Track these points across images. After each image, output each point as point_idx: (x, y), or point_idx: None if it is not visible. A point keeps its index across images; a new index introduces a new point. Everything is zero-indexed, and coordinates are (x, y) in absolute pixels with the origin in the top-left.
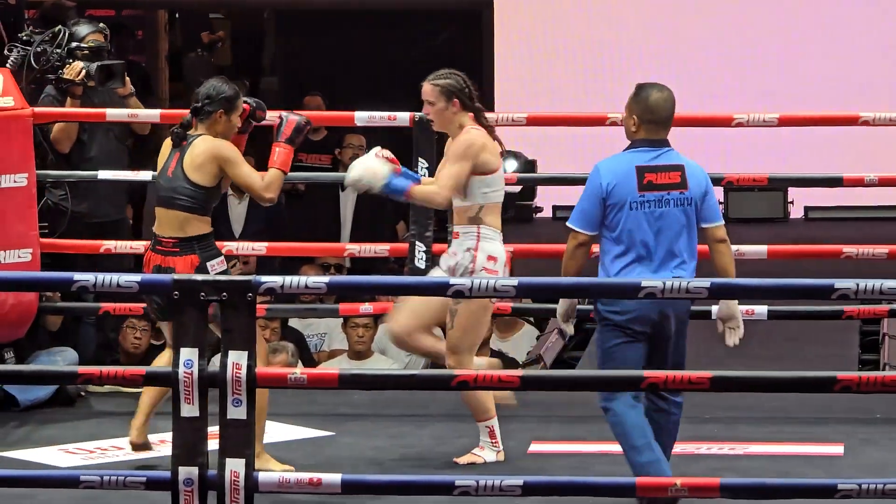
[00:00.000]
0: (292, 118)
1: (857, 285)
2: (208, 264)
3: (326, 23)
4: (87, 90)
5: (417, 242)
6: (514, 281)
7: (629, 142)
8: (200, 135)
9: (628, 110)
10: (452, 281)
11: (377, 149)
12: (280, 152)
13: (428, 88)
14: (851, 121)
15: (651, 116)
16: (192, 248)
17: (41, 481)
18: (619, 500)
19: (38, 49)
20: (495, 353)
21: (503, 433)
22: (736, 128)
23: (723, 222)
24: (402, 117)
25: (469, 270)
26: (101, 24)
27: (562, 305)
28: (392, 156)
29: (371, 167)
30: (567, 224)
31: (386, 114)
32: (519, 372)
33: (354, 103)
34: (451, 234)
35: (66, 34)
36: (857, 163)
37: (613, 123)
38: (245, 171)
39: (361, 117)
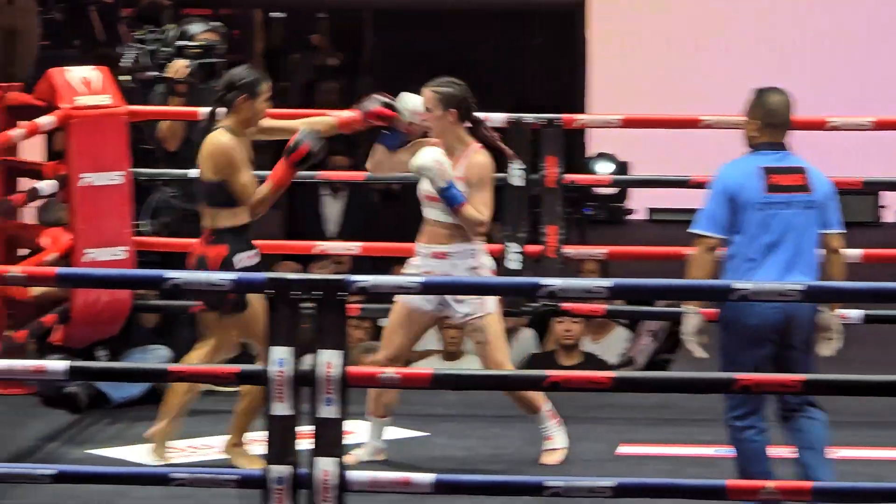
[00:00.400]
0: (305, 145)
1: None
2: (235, 258)
3: (422, 23)
4: (199, 89)
5: (510, 243)
6: (608, 282)
7: (749, 148)
8: (219, 127)
9: (748, 116)
10: (543, 282)
11: (437, 149)
12: (282, 169)
13: (428, 94)
14: None
15: (771, 120)
16: (223, 239)
17: (133, 478)
18: (710, 502)
19: (152, 48)
20: (588, 356)
21: (593, 436)
22: (830, 131)
23: (842, 231)
24: (497, 118)
25: None
26: (216, 23)
27: (693, 321)
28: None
29: (442, 164)
30: (692, 229)
31: (480, 115)
32: (611, 373)
33: None
34: (425, 254)
35: (176, 32)
36: None
37: (707, 126)
38: (236, 178)
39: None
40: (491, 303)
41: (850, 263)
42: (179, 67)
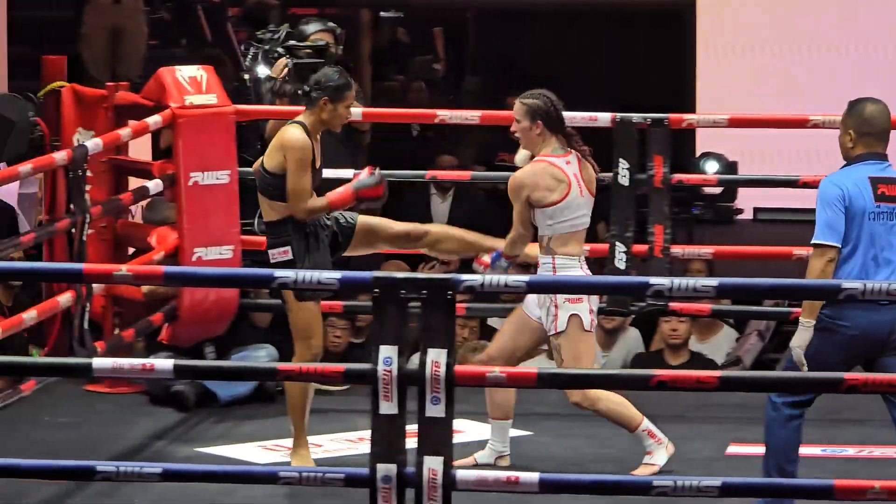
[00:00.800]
0: (370, 188)
1: None
2: (270, 252)
3: (527, 22)
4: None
5: (618, 243)
6: (715, 281)
7: (844, 160)
8: (295, 121)
9: (843, 126)
10: (652, 281)
11: None
12: (343, 193)
13: (516, 106)
14: None
15: (868, 129)
16: (266, 232)
17: (241, 477)
18: (818, 502)
19: (267, 47)
20: (695, 355)
21: (702, 435)
22: None
23: None
24: (604, 118)
25: (552, 303)
26: (332, 25)
27: (803, 336)
28: None
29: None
30: (814, 241)
31: (587, 114)
32: (717, 373)
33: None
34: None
35: (287, 32)
36: None
37: (815, 126)
38: (297, 178)
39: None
40: (563, 321)
41: None
42: (280, 67)
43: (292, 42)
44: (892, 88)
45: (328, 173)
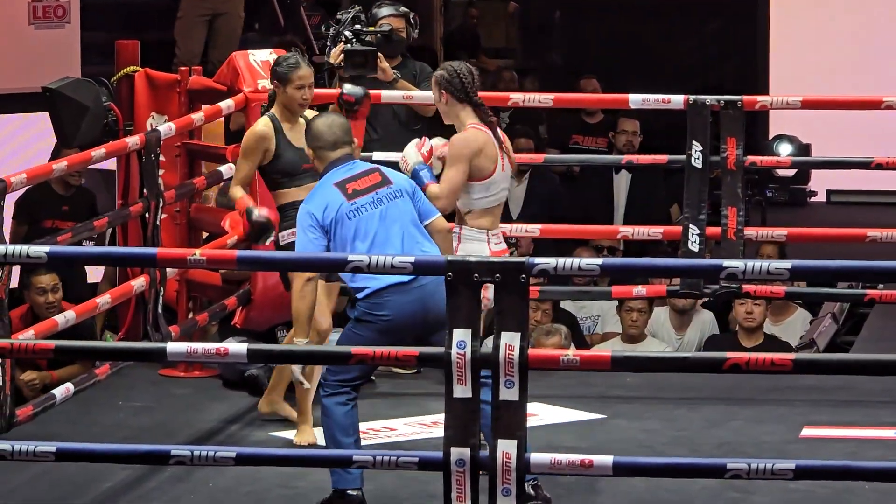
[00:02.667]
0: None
1: None
2: (281, 234)
3: (605, 8)
4: (364, 77)
5: (691, 225)
6: (788, 264)
7: None
8: (266, 112)
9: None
10: (725, 263)
11: (418, 140)
12: (239, 216)
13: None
14: None
15: (319, 143)
16: (279, 215)
17: (314, 461)
18: (893, 485)
19: (341, 28)
20: (768, 337)
21: (776, 418)
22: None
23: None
24: (677, 100)
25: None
26: (404, 9)
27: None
28: (431, 149)
29: (406, 153)
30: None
31: (660, 97)
32: (791, 355)
33: (629, 87)
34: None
35: (354, 15)
36: None
37: (889, 107)
38: (238, 164)
39: (636, 100)
40: None
41: None
42: (337, 53)
43: (357, 26)
44: None
45: (381, 156)
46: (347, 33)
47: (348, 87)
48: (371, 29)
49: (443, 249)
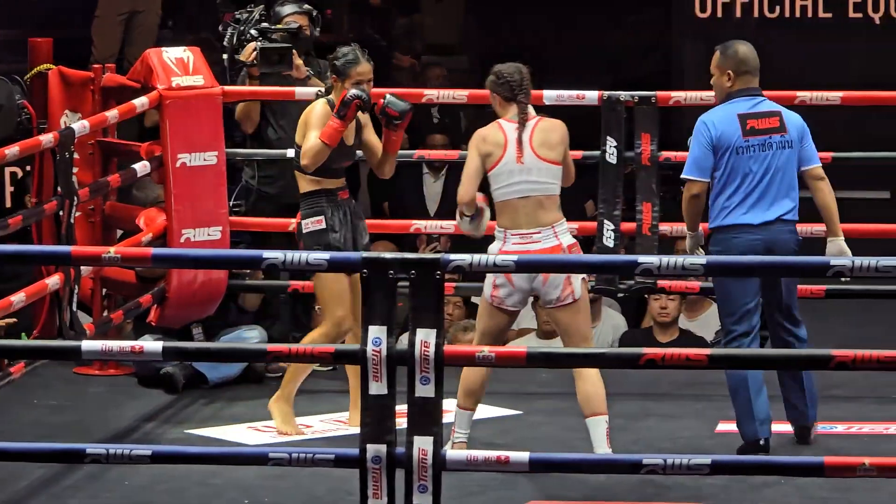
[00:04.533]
0: (350, 95)
1: None
2: (303, 222)
3: (524, 1)
4: (277, 73)
5: (606, 221)
6: (703, 259)
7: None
8: (325, 98)
9: (719, 70)
10: (640, 259)
11: None
12: (330, 124)
13: None
14: None
15: (745, 67)
16: (301, 205)
17: (230, 458)
18: (807, 479)
19: (242, 28)
20: (685, 332)
21: (692, 413)
22: None
23: (820, 163)
24: (591, 96)
25: None
26: (307, 7)
27: (689, 241)
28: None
29: None
30: (682, 175)
31: (574, 92)
32: (707, 350)
33: (543, 82)
34: None
35: (260, 14)
36: None
37: (802, 102)
38: (307, 135)
39: (550, 96)
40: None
41: None
42: (249, 51)
43: (264, 25)
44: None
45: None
46: (254, 32)
47: (392, 100)
48: (279, 27)
49: (821, 196)
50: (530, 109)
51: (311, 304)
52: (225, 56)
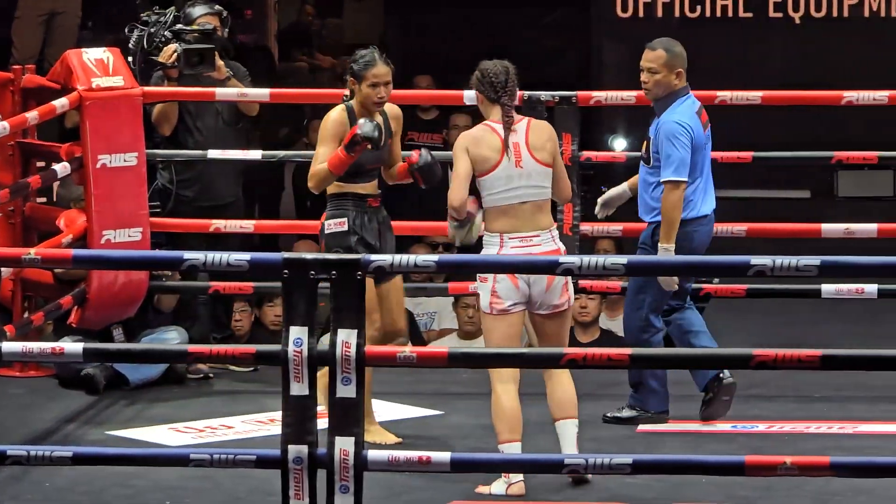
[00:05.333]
0: (357, 125)
1: None
2: (326, 223)
3: (436, 1)
4: (193, 74)
5: None
6: (624, 259)
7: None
8: (345, 103)
9: (668, 67)
10: (561, 259)
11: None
12: (336, 153)
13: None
14: None
15: (687, 66)
16: (327, 206)
17: (151, 460)
18: (729, 478)
19: (152, 30)
20: (605, 332)
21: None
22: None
23: None
24: None
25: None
26: (218, 7)
27: (665, 255)
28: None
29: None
30: (673, 178)
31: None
32: (628, 350)
33: (464, 83)
34: None
35: (174, 16)
36: None
37: (723, 102)
38: (316, 151)
39: (470, 96)
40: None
41: (867, 238)
42: (169, 52)
43: (179, 26)
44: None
45: (216, 154)
46: (167, 34)
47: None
48: (195, 28)
49: None
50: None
51: (231, 305)
52: (130, 59)
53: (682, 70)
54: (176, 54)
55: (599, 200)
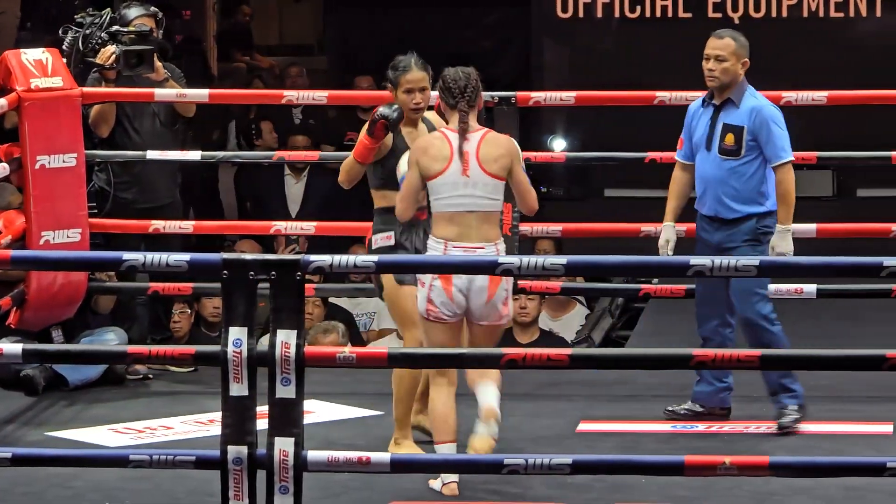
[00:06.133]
0: (378, 114)
1: None
2: (374, 237)
3: (376, 1)
4: (131, 76)
5: None
6: (563, 259)
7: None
8: None
9: (736, 56)
10: (501, 260)
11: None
12: (358, 142)
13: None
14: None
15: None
16: (374, 219)
17: (91, 460)
18: (668, 478)
19: (88, 31)
20: (545, 333)
21: (553, 413)
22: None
23: None
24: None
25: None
26: (153, 9)
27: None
28: None
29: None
30: (787, 160)
31: (434, 93)
32: (568, 350)
33: None
34: None
35: (110, 17)
36: None
37: (661, 103)
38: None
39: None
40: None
41: (806, 238)
42: (107, 54)
43: (116, 28)
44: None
45: (154, 155)
46: (104, 35)
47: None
48: (131, 29)
49: None
50: (473, 121)
51: (170, 306)
52: (66, 60)
53: (747, 60)
54: (114, 56)
55: (669, 251)
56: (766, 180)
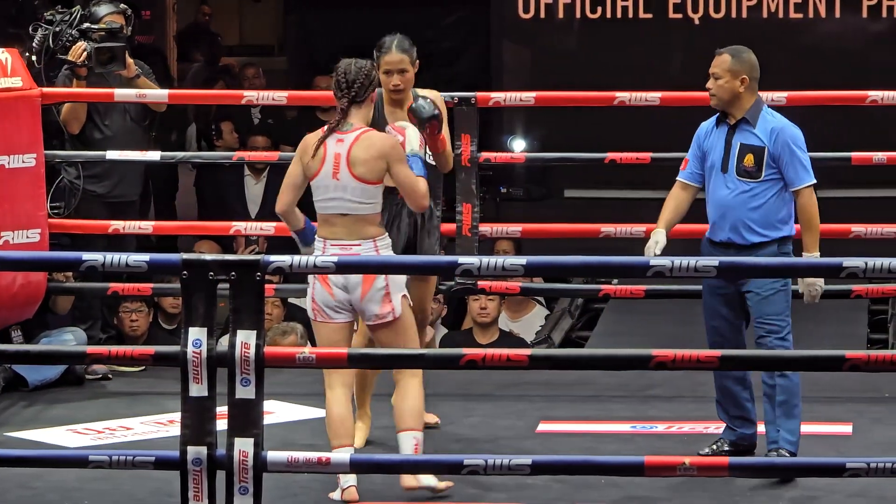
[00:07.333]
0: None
1: (866, 264)
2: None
3: (336, 1)
4: (101, 73)
5: None
6: (523, 260)
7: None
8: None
9: (731, 73)
10: (461, 260)
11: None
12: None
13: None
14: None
15: (757, 74)
16: None
17: (50, 461)
18: (628, 479)
19: (57, 29)
20: (505, 333)
21: (513, 414)
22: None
23: None
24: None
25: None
26: (123, 6)
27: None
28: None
29: (409, 134)
30: (810, 183)
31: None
32: (527, 351)
33: None
34: None
35: (81, 14)
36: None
37: (622, 103)
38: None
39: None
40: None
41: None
42: (79, 51)
43: (87, 25)
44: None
45: (115, 154)
46: (74, 32)
47: (415, 107)
48: (102, 26)
49: None
50: (357, 118)
51: (116, 306)
52: (35, 57)
53: (748, 77)
54: (86, 53)
55: (656, 252)
56: (785, 204)
